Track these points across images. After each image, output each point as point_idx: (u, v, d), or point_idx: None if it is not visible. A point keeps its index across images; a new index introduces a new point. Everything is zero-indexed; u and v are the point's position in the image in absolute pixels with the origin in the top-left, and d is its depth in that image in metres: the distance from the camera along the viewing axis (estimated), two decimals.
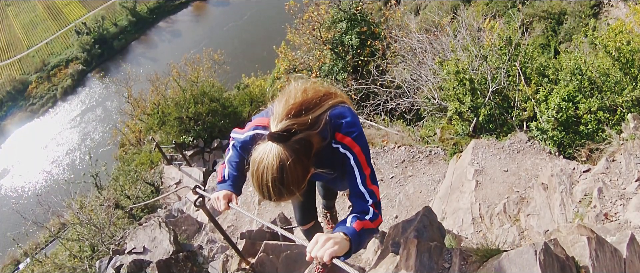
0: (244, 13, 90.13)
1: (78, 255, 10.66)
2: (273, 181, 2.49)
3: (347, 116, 2.98)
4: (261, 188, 2.55)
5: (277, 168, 2.46)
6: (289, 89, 2.82)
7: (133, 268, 6.22)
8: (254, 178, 2.56)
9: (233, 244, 4.90)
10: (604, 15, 29.28)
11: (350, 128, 2.94)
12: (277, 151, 2.48)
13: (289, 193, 2.57)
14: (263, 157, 2.50)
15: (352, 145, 2.92)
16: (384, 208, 9.42)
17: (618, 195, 5.62)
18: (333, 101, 2.90)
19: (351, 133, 2.93)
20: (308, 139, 2.61)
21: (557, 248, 3.57)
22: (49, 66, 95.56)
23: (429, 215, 4.86)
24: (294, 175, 2.52)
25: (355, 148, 2.93)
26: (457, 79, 9.93)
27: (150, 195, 16.05)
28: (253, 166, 2.56)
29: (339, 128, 2.91)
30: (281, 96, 2.77)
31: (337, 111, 2.95)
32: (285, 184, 2.51)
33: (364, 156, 2.96)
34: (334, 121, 2.90)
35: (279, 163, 2.46)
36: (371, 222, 2.88)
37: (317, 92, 2.85)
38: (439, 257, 3.81)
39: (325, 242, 2.60)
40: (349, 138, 2.92)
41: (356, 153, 2.93)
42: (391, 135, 12.02)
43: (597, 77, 8.85)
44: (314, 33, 21.53)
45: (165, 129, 22.50)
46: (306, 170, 2.63)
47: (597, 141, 7.95)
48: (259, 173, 2.52)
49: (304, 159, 2.57)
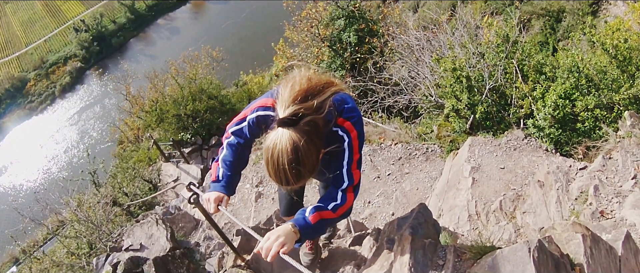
0: (242, 10, 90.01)
1: (76, 252, 10.66)
2: (289, 163, 2.57)
3: (348, 102, 3.13)
4: (278, 174, 2.64)
5: (292, 150, 2.55)
6: (293, 75, 2.89)
7: (130, 265, 6.21)
8: (270, 164, 2.64)
9: (228, 241, 4.90)
10: (603, 13, 29.25)
11: (351, 112, 3.08)
12: (289, 135, 2.56)
13: (307, 174, 2.68)
14: (276, 142, 2.59)
15: (351, 129, 3.06)
16: (380, 205, 9.45)
17: (614, 192, 5.62)
18: (335, 88, 2.94)
19: (352, 117, 3.07)
20: (316, 122, 2.69)
21: (552, 246, 3.57)
22: (48, 63, 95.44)
23: (425, 212, 4.85)
24: (309, 155, 2.62)
25: (352, 133, 3.06)
26: (454, 77, 9.93)
27: (148, 192, 16.04)
28: (267, 153, 2.64)
29: (341, 113, 3.04)
30: (286, 82, 2.84)
31: (339, 97, 3.06)
32: (302, 164, 2.60)
33: (357, 142, 3.09)
34: (337, 106, 3.02)
35: (293, 145, 2.55)
36: (334, 211, 3.07)
37: (320, 80, 2.91)
38: (434, 254, 3.80)
39: (275, 238, 2.82)
40: (349, 123, 3.05)
41: (353, 137, 3.07)
42: (388, 132, 12.02)
43: (594, 75, 8.85)
44: (312, 30, 21.55)
45: (163, 127, 22.47)
46: (318, 150, 2.73)
47: (593, 138, 7.95)
48: (274, 158, 2.60)
49: (315, 139, 2.67)
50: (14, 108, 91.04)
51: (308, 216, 3.02)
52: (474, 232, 6.58)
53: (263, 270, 4.91)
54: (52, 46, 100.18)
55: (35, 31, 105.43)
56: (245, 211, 11.05)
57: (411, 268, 3.62)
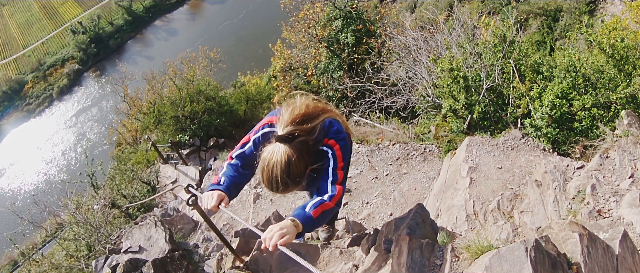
0: (239, 11, 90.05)
1: (75, 254, 10.66)
2: (281, 173, 3.07)
3: (335, 126, 3.62)
4: (270, 181, 3.13)
5: (285, 163, 3.07)
6: (295, 101, 3.43)
7: (129, 267, 6.22)
8: (265, 172, 3.13)
9: (227, 242, 4.91)
10: (600, 12, 29.30)
11: (337, 134, 3.58)
12: (284, 149, 3.09)
13: (293, 185, 3.17)
14: (272, 154, 3.11)
15: (333, 144, 3.54)
16: (378, 206, 9.46)
17: (611, 191, 5.63)
18: (327, 115, 3.52)
19: (337, 138, 3.56)
20: (307, 142, 3.23)
21: (549, 245, 3.58)
22: (45, 65, 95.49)
23: (422, 212, 4.87)
24: (298, 169, 3.13)
25: (335, 146, 3.54)
26: (452, 77, 9.94)
27: (147, 194, 16.04)
28: (263, 162, 3.15)
29: (328, 134, 3.54)
30: (288, 105, 3.38)
31: (328, 122, 3.57)
32: (291, 176, 3.10)
33: (340, 153, 3.55)
34: (326, 130, 3.52)
35: (287, 159, 3.07)
36: (330, 200, 3.42)
37: (317, 107, 3.48)
38: (431, 254, 3.82)
39: (278, 229, 3.12)
40: (332, 141, 3.54)
41: (335, 149, 3.53)
42: (386, 133, 12.04)
43: (591, 74, 8.86)
44: (309, 31, 21.55)
45: (161, 128, 22.46)
46: (306, 166, 3.23)
47: (591, 137, 7.96)
48: (269, 167, 3.10)
49: (305, 156, 3.19)
50: (11, 110, 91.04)
51: (309, 211, 3.33)
52: (471, 232, 6.58)
53: (261, 271, 4.93)
54: (50, 48, 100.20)
55: (32, 33, 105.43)
56: (244, 212, 11.05)
57: (409, 268, 3.64)
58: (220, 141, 21.12)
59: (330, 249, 5.35)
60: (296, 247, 5.29)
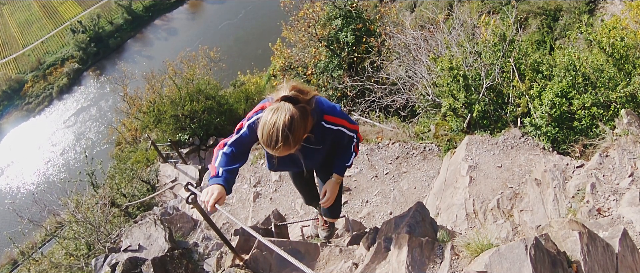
0: (238, 11, 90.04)
1: (74, 253, 10.66)
2: (283, 127, 3.24)
3: (325, 103, 3.86)
4: (270, 135, 3.29)
5: (289, 118, 3.26)
6: (283, 84, 3.62)
7: (128, 266, 6.21)
8: (267, 126, 3.30)
9: (226, 241, 4.91)
10: (600, 12, 29.29)
11: (333, 109, 3.89)
12: (289, 107, 3.31)
13: (293, 143, 3.33)
14: (276, 110, 3.30)
15: (339, 121, 3.91)
16: (378, 204, 9.46)
17: (611, 190, 5.63)
18: (314, 93, 3.74)
19: (335, 114, 3.88)
20: (307, 110, 3.48)
21: (548, 243, 3.58)
22: (45, 64, 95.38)
23: (422, 211, 4.87)
24: (299, 128, 3.34)
25: (342, 122, 3.94)
26: (452, 76, 9.94)
27: (146, 193, 16.03)
28: (267, 116, 3.33)
29: (324, 112, 3.79)
30: (280, 86, 3.62)
31: (320, 99, 3.81)
32: (292, 132, 3.28)
33: (347, 122, 4.00)
34: (319, 107, 3.74)
35: (291, 115, 3.28)
36: (355, 155, 4.30)
37: (304, 86, 3.67)
38: (431, 252, 3.82)
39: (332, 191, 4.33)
40: (334, 118, 3.86)
41: (344, 123, 3.96)
42: (386, 132, 12.03)
43: (591, 73, 8.86)
44: (309, 30, 21.53)
45: (161, 127, 22.42)
46: (305, 129, 3.48)
47: (590, 136, 7.96)
48: (272, 121, 3.27)
49: (305, 121, 3.44)
50: (11, 110, 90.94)
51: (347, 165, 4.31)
52: (471, 231, 6.58)
53: (261, 270, 4.92)
54: (49, 47, 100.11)
55: (32, 33, 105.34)
56: (244, 211, 11.05)
57: (408, 266, 3.64)
58: (219, 140, 21.09)
59: (330, 248, 5.35)
60: (296, 245, 5.29)
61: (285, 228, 7.21)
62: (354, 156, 4.25)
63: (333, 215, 5.45)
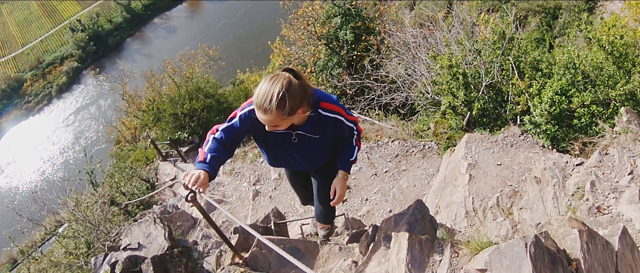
0: (237, 9, 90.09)
1: (74, 252, 10.65)
2: (281, 89, 3.25)
3: (322, 92, 3.82)
4: (266, 94, 3.28)
5: (288, 82, 3.29)
6: None
7: (128, 264, 6.20)
8: (263, 86, 3.32)
9: (226, 239, 4.90)
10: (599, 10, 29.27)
11: (327, 97, 3.83)
12: (289, 73, 3.36)
13: (288, 107, 3.32)
14: (276, 75, 3.35)
15: (336, 109, 3.83)
16: (378, 202, 9.47)
17: (611, 188, 5.63)
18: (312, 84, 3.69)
19: (331, 101, 3.82)
20: (305, 87, 3.48)
21: (548, 241, 3.58)
22: (44, 63, 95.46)
23: (421, 209, 4.87)
24: (296, 96, 3.34)
25: (339, 110, 3.86)
26: (451, 74, 9.95)
27: (146, 192, 16.02)
28: (266, 78, 3.36)
29: (321, 99, 3.74)
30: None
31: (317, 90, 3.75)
32: (290, 96, 3.29)
33: (345, 112, 3.92)
34: (316, 95, 3.69)
35: (290, 79, 3.31)
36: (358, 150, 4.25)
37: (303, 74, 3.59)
38: (430, 250, 3.82)
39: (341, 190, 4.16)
40: (331, 105, 3.80)
41: (341, 112, 3.87)
42: (385, 130, 12.04)
43: (590, 71, 8.86)
44: (308, 28, 21.55)
45: (160, 126, 22.44)
46: (302, 103, 3.45)
47: (590, 134, 7.96)
48: (271, 82, 3.30)
49: (302, 94, 3.42)
50: (10, 109, 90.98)
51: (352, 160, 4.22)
52: (471, 229, 6.59)
53: (261, 268, 4.92)
54: (49, 46, 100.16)
55: (31, 31, 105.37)
56: (243, 209, 11.06)
57: (408, 264, 3.64)
58: None
59: (329, 246, 5.34)
60: (295, 243, 5.28)
61: (284, 227, 7.21)
62: (357, 150, 4.21)
63: (327, 220, 5.43)
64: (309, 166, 4.61)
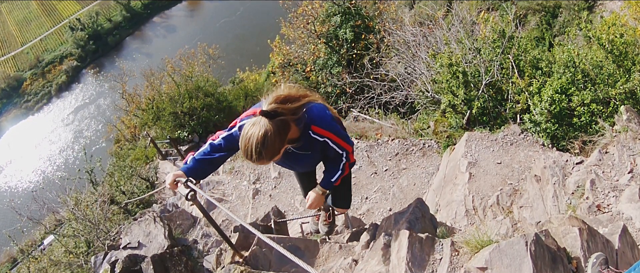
0: (237, 8, 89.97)
1: (74, 251, 10.65)
2: (257, 144, 3.34)
3: (317, 112, 3.90)
4: (246, 149, 3.41)
5: (262, 135, 3.33)
6: (280, 86, 3.73)
7: (128, 263, 6.20)
8: (243, 140, 3.42)
9: (226, 238, 4.90)
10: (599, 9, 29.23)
11: (322, 120, 3.91)
12: (264, 123, 3.35)
13: (266, 157, 3.45)
14: (253, 126, 3.38)
15: (326, 133, 3.92)
16: (378, 201, 9.47)
17: (611, 186, 5.63)
18: (310, 98, 3.83)
19: (322, 125, 3.90)
20: (287, 122, 3.52)
21: (549, 239, 3.58)
22: (44, 62, 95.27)
23: (421, 207, 4.87)
24: (273, 144, 3.39)
25: (328, 135, 3.94)
26: (451, 72, 9.94)
27: (145, 190, 16.03)
28: (244, 131, 3.43)
29: (313, 122, 3.83)
30: (272, 91, 3.64)
31: (313, 107, 3.86)
32: (266, 148, 3.37)
33: (335, 136, 4.00)
34: (309, 116, 3.78)
35: (265, 131, 3.33)
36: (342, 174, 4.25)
37: (299, 91, 3.78)
38: (431, 249, 3.82)
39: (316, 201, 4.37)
40: (321, 129, 3.89)
41: (330, 136, 3.96)
42: (385, 128, 12.04)
43: (590, 70, 8.85)
44: (308, 27, 21.54)
45: (160, 125, 22.45)
46: (281, 144, 3.51)
47: (590, 133, 7.96)
48: (247, 136, 3.38)
49: (282, 135, 3.46)
50: (10, 108, 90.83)
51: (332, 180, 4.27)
52: (471, 227, 6.58)
53: (261, 266, 4.92)
54: (48, 45, 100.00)
55: (30, 30, 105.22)
56: (243, 208, 11.06)
57: (408, 262, 3.63)
58: None
59: (329, 244, 5.34)
60: (295, 242, 5.28)
61: (284, 225, 7.21)
62: (340, 174, 4.30)
63: (343, 205, 5.47)
64: (304, 170, 4.91)
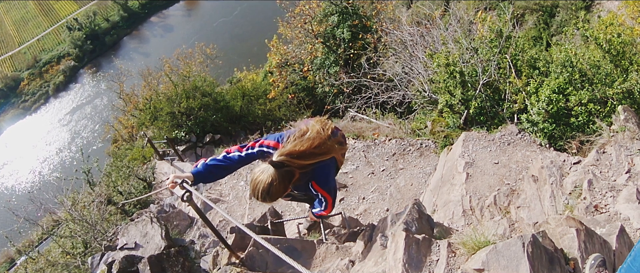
0: (234, 8, 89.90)
1: (71, 251, 10.64)
2: (263, 190, 3.78)
3: (321, 171, 4.33)
4: (254, 192, 3.83)
5: (268, 184, 3.76)
6: (305, 131, 4.16)
7: (125, 264, 6.20)
8: (252, 183, 3.84)
9: (222, 238, 4.89)
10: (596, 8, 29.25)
11: (322, 181, 4.39)
12: (272, 172, 3.78)
13: (271, 200, 3.89)
14: (261, 173, 3.81)
15: (321, 191, 4.45)
16: (375, 201, 9.48)
17: (608, 186, 5.62)
18: (325, 157, 4.20)
19: (322, 184, 4.40)
20: (293, 173, 3.93)
21: (546, 240, 3.57)
22: (41, 62, 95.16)
23: (418, 208, 4.86)
24: (277, 191, 3.83)
25: (322, 193, 4.47)
26: (448, 72, 9.93)
27: (143, 191, 16.00)
28: (253, 175, 3.86)
29: (314, 179, 4.34)
30: (296, 134, 4.10)
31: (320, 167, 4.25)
32: (270, 194, 3.81)
33: (326, 193, 4.50)
34: (313, 173, 4.24)
35: (271, 181, 3.76)
36: (318, 212, 4.80)
37: (320, 147, 4.09)
38: (428, 250, 3.81)
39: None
40: (319, 188, 4.41)
41: (323, 194, 4.49)
42: (382, 128, 12.03)
43: (587, 70, 8.85)
44: (305, 26, 21.56)
45: (157, 125, 22.37)
46: (285, 190, 3.93)
47: (587, 133, 7.96)
48: (255, 182, 3.81)
49: (286, 183, 3.88)
50: (7, 108, 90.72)
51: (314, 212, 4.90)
52: (468, 227, 6.58)
53: (257, 267, 4.91)
54: (45, 44, 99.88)
55: (28, 30, 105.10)
56: (240, 208, 11.04)
57: (405, 263, 3.62)
58: (216, 137, 21.05)
59: (326, 245, 5.33)
60: (292, 243, 5.27)
61: (281, 226, 7.20)
62: (320, 211, 4.78)
63: None
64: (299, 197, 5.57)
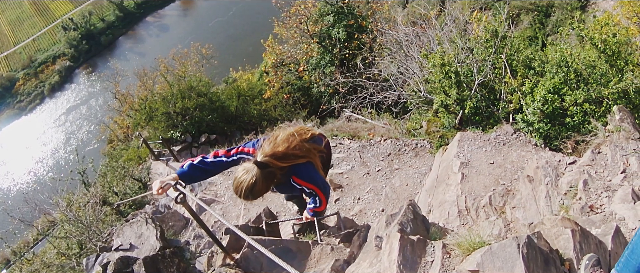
0: (230, 8, 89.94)
1: (66, 252, 10.62)
2: (246, 188, 4.06)
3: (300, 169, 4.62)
4: (237, 190, 4.12)
5: (252, 183, 4.06)
6: (280, 134, 4.53)
7: (120, 265, 6.17)
8: (235, 182, 4.13)
9: (216, 240, 4.88)
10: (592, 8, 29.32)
11: (303, 175, 4.65)
12: (255, 171, 4.09)
13: (253, 198, 4.17)
14: (245, 173, 4.10)
15: (306, 185, 4.69)
16: (370, 202, 9.45)
17: (603, 186, 5.62)
18: (305, 159, 4.60)
19: (304, 177, 4.65)
20: (274, 173, 4.28)
21: (541, 241, 3.56)
22: (36, 62, 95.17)
23: (413, 208, 4.85)
24: (260, 189, 4.14)
25: (308, 186, 4.72)
26: (443, 72, 9.93)
27: (138, 191, 15.97)
28: (237, 174, 4.13)
29: (295, 174, 4.58)
30: (272, 138, 4.49)
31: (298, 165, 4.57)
32: (253, 193, 4.10)
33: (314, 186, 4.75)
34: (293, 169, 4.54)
35: (254, 179, 4.06)
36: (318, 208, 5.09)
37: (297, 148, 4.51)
38: (422, 251, 3.80)
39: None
40: (302, 181, 4.65)
41: (310, 187, 4.74)
42: (378, 128, 12.04)
43: (583, 70, 8.85)
44: (301, 26, 21.57)
45: (152, 125, 22.34)
46: (267, 189, 4.27)
47: (583, 133, 7.96)
48: (239, 180, 4.09)
49: (268, 182, 4.22)
50: (3, 108, 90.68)
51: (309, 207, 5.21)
52: (463, 228, 6.57)
53: (252, 269, 4.90)
54: (41, 44, 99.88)
55: (23, 30, 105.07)
56: (235, 209, 11.02)
57: (400, 265, 3.61)
58: (212, 137, 21.05)
59: (321, 246, 5.32)
60: (287, 244, 5.26)
61: (276, 226, 7.18)
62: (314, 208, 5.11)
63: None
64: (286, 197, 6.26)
